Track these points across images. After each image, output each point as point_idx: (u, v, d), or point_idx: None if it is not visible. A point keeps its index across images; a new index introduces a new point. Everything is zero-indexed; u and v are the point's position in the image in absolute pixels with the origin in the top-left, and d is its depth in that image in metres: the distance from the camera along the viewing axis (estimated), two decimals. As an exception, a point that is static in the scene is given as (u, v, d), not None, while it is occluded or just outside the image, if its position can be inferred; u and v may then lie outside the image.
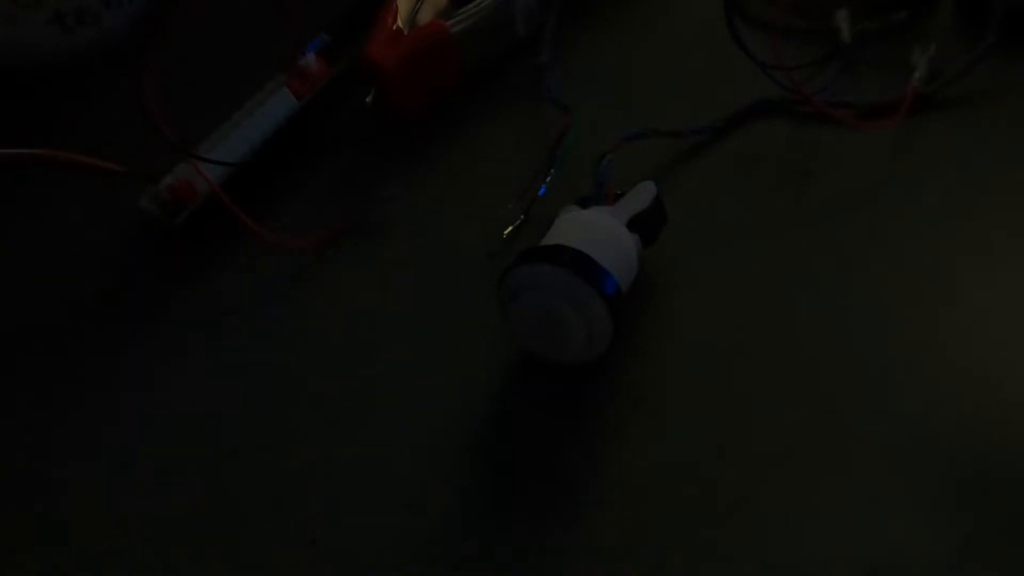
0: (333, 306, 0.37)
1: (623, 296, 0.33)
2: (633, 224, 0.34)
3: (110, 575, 0.32)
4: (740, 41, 0.39)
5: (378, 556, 0.31)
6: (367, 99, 0.41)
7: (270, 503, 0.32)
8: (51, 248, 0.40)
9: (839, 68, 0.40)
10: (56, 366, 0.37)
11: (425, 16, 0.41)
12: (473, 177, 0.40)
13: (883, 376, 0.33)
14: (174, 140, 0.36)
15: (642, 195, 0.35)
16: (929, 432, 0.32)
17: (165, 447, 0.34)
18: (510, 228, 0.37)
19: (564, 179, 0.37)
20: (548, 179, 0.38)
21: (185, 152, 0.38)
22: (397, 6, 0.41)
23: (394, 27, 0.40)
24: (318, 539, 0.31)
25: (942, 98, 0.39)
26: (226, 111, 0.40)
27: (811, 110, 0.39)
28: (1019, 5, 0.40)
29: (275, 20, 0.39)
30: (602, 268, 0.32)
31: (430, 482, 0.32)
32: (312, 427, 0.34)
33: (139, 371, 0.36)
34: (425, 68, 0.41)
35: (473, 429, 0.34)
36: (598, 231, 0.33)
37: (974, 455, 0.31)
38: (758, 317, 0.35)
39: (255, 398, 0.35)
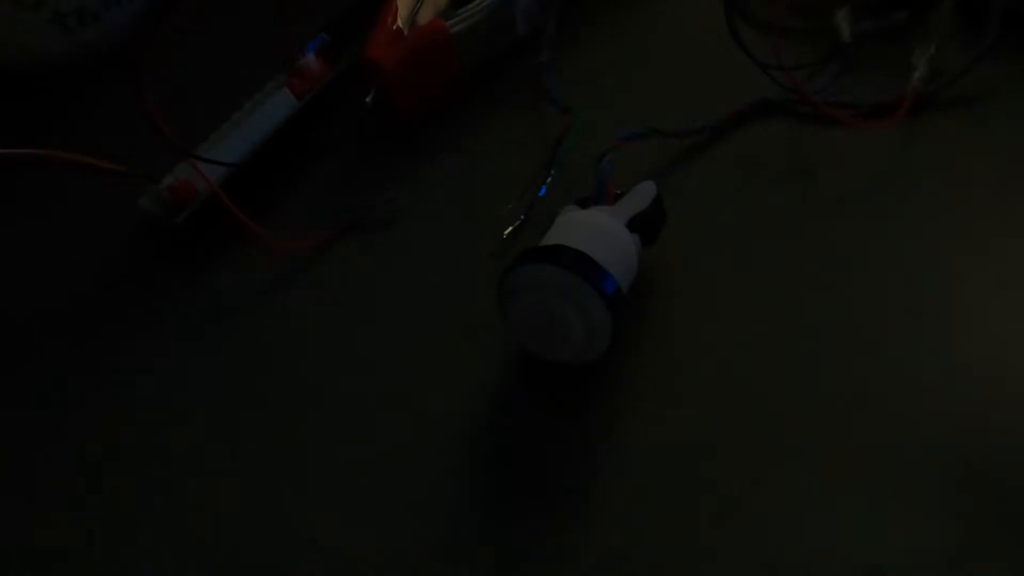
0: (333, 306, 0.37)
1: (623, 296, 0.33)
2: (633, 224, 0.34)
3: (110, 574, 0.32)
4: (740, 41, 0.39)
5: (378, 556, 0.31)
6: (367, 99, 0.41)
7: (271, 503, 0.32)
8: (51, 248, 0.40)
9: (839, 68, 0.40)
10: (55, 366, 0.37)
11: (425, 16, 0.41)
12: (473, 177, 0.40)
13: (883, 376, 0.33)
14: (174, 140, 0.36)
15: (642, 195, 0.35)
16: (929, 432, 0.32)
17: (165, 447, 0.34)
18: (510, 228, 0.37)
19: (564, 179, 0.37)
20: (548, 179, 0.38)
21: (185, 152, 0.38)
22: (397, 6, 0.41)
23: (394, 27, 0.40)
24: (318, 539, 0.31)
25: (942, 98, 0.39)
26: (226, 111, 0.40)
27: (811, 110, 0.39)
28: (1019, 5, 0.40)
29: (275, 20, 0.39)
30: (602, 268, 0.32)
31: (430, 482, 0.32)
32: (312, 427, 0.34)
33: (138, 371, 0.36)
34: (425, 68, 0.41)
35: (473, 429, 0.34)
36: (598, 231, 0.33)
37: (974, 455, 0.31)
38: (758, 317, 0.35)
39: (255, 397, 0.35)
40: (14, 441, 0.35)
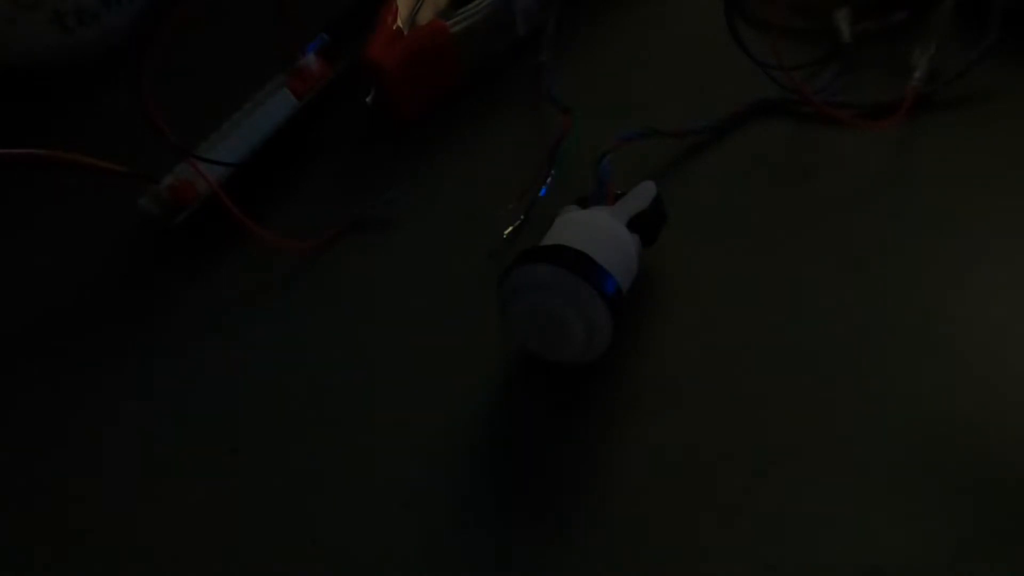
0: (333, 306, 0.37)
1: (623, 296, 0.33)
2: (633, 224, 0.34)
3: (110, 574, 0.32)
4: (740, 41, 0.39)
5: (378, 556, 0.31)
6: (367, 99, 0.41)
7: (270, 503, 0.32)
8: (51, 248, 0.40)
9: (839, 68, 0.40)
10: (55, 366, 0.37)
11: (425, 16, 0.41)
12: (473, 177, 0.40)
13: (883, 376, 0.33)
14: (174, 140, 0.36)
15: (642, 195, 0.35)
16: (929, 432, 0.32)
17: (165, 447, 0.34)
18: (510, 228, 0.37)
19: (564, 179, 0.38)
20: (548, 179, 0.38)
21: (185, 152, 0.38)
22: (397, 6, 0.41)
23: (394, 27, 0.40)
24: (318, 539, 0.31)
25: (942, 98, 0.39)
26: (226, 111, 0.40)
27: (811, 110, 0.39)
28: (1019, 5, 0.40)
29: (275, 20, 0.39)
30: (602, 268, 0.32)
31: (430, 482, 0.32)
32: (312, 427, 0.34)
33: (139, 371, 0.36)
34: (425, 68, 0.41)
35: (473, 429, 0.34)
36: (598, 231, 0.33)
37: (974, 455, 0.31)
38: (758, 317, 0.35)
39: (255, 398, 0.35)
40: (14, 441, 0.35)
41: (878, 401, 0.32)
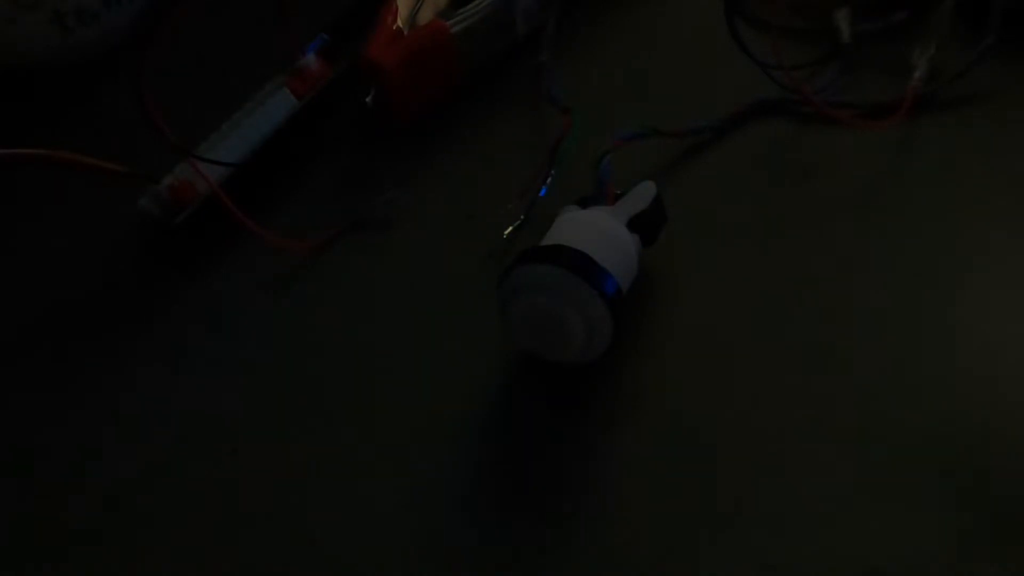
0: (333, 306, 0.37)
1: (623, 296, 0.33)
2: (633, 224, 0.34)
3: (108, 573, 0.32)
4: (740, 41, 0.39)
5: (378, 555, 0.31)
6: (367, 99, 0.41)
7: (270, 503, 0.32)
8: (51, 248, 0.40)
9: (839, 68, 0.40)
10: (55, 366, 0.37)
11: (425, 16, 0.41)
12: (473, 177, 0.40)
13: (883, 376, 0.33)
14: (174, 140, 0.36)
15: (642, 195, 0.35)
16: (929, 432, 0.31)
17: (165, 447, 0.34)
18: (510, 228, 0.37)
19: (564, 179, 0.37)
20: (548, 179, 0.38)
21: (185, 152, 0.38)
22: (397, 6, 0.41)
23: (394, 27, 0.40)
24: (318, 539, 0.31)
25: (942, 98, 0.39)
26: (226, 111, 0.40)
27: (811, 110, 0.39)
28: (1019, 5, 0.40)
29: (275, 20, 0.39)
30: (602, 268, 0.32)
31: (430, 481, 0.32)
32: (312, 426, 0.34)
33: (139, 371, 0.36)
34: (425, 68, 0.41)
35: (473, 429, 0.34)
36: (598, 231, 0.33)
37: (974, 455, 0.31)
38: (758, 317, 0.35)
39: (255, 397, 0.35)
40: (14, 439, 0.35)
41: (878, 401, 0.32)
